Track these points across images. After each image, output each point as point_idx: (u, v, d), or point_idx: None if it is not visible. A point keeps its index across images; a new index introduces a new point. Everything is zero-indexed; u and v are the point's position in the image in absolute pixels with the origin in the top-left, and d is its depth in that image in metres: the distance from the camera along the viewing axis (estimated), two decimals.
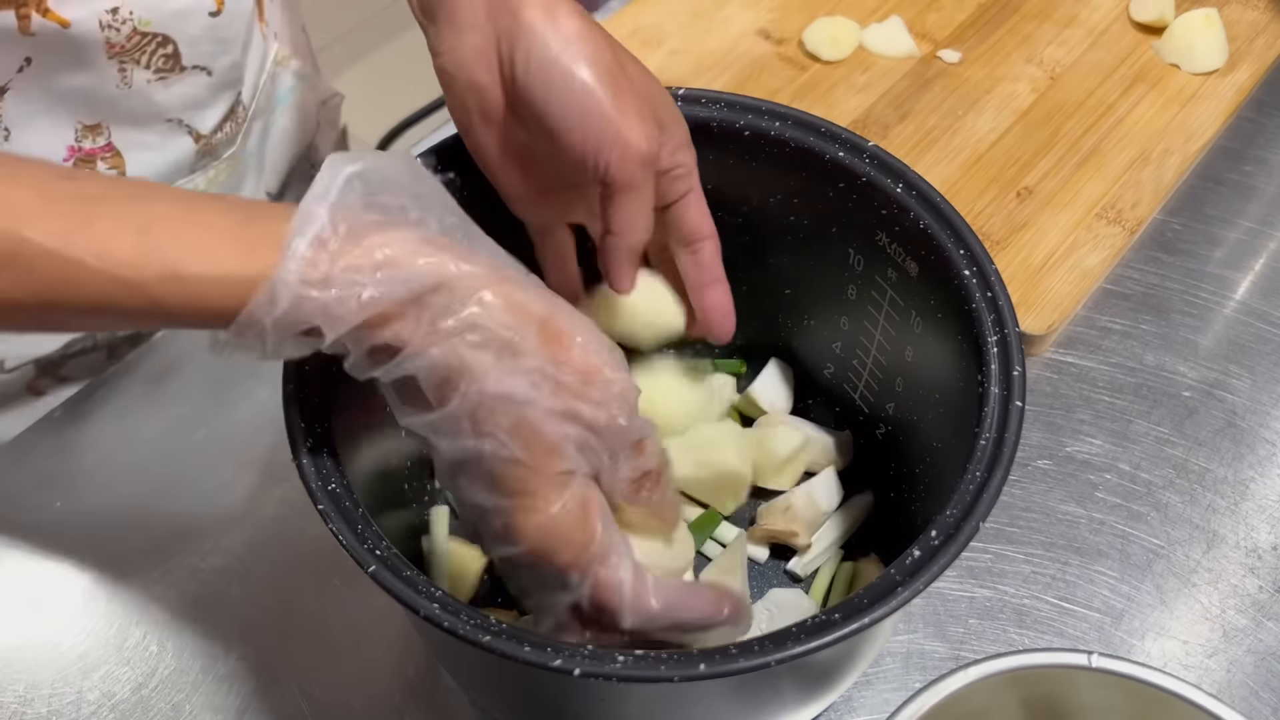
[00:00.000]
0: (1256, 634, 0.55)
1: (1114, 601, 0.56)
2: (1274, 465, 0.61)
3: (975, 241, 0.46)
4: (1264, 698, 0.54)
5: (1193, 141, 0.73)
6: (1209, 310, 0.67)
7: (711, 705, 0.44)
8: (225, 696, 0.54)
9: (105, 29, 0.53)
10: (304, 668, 0.54)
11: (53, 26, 0.52)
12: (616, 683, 0.35)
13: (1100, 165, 0.72)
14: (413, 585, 0.37)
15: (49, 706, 0.53)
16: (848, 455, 0.58)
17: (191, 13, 0.57)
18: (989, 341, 0.44)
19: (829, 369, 0.58)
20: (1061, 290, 0.66)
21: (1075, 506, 0.59)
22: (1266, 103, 0.77)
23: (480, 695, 0.51)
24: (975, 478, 0.40)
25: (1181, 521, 0.59)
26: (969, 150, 0.72)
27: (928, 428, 0.50)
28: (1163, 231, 0.71)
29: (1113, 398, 0.64)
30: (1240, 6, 0.80)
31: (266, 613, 0.56)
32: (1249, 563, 0.58)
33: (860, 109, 0.75)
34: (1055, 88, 0.76)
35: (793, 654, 0.36)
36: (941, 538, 0.39)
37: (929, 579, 0.38)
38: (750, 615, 0.43)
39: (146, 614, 0.56)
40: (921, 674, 0.54)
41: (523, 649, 0.36)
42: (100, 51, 0.54)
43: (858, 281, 0.52)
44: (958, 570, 0.57)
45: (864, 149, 0.48)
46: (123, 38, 0.54)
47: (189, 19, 0.57)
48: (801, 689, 0.45)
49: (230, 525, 0.59)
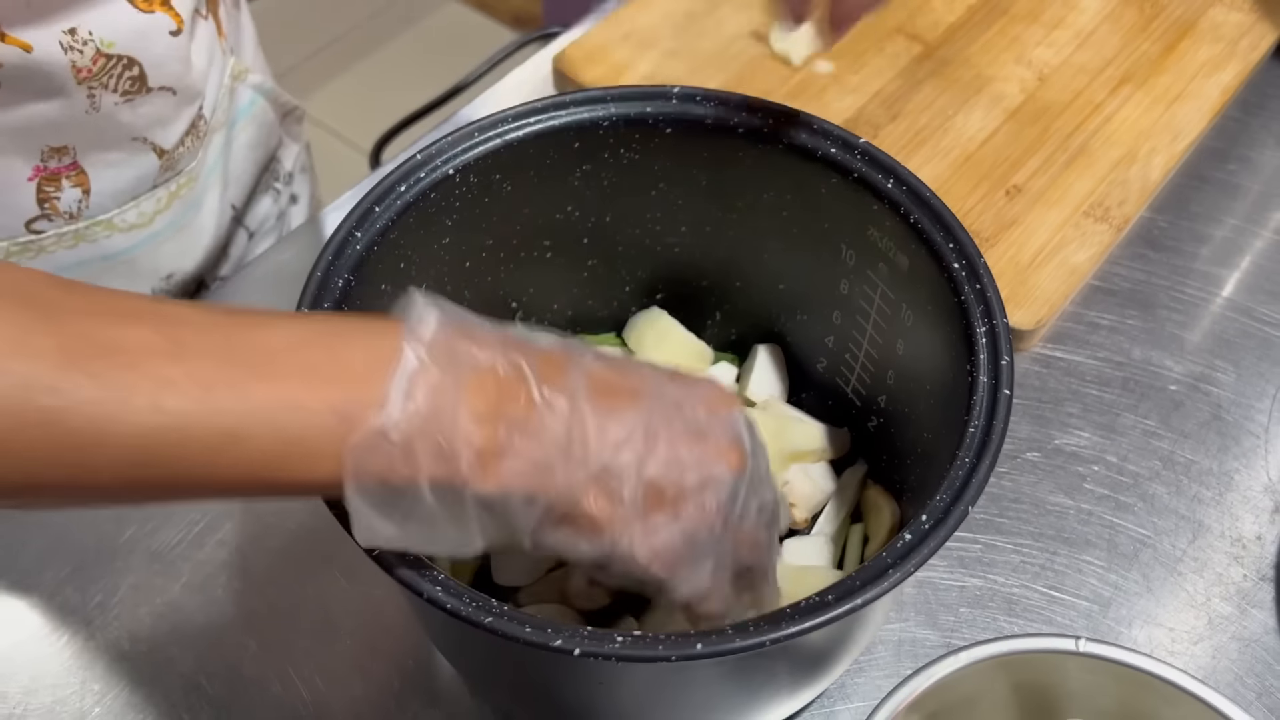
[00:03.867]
0: (1241, 621, 0.57)
1: (1102, 590, 0.57)
2: (1258, 457, 0.62)
3: (964, 235, 0.47)
4: (1248, 683, 0.55)
5: (1178, 141, 0.74)
6: (1195, 306, 0.68)
7: (708, 689, 0.45)
8: (227, 686, 0.54)
9: (68, 51, 0.53)
10: (304, 657, 0.55)
11: (18, 55, 0.51)
12: (616, 662, 0.36)
13: (1088, 164, 0.73)
14: (415, 569, 0.38)
15: (53, 696, 0.54)
16: (842, 449, 0.59)
17: (152, 32, 0.56)
18: (978, 332, 0.45)
19: (822, 363, 0.59)
20: (1050, 286, 0.67)
21: (1064, 498, 0.60)
22: (1251, 102, 0.78)
23: (480, 682, 0.52)
24: (964, 464, 0.41)
25: (1168, 512, 0.60)
26: (959, 149, 0.74)
27: (919, 419, 0.51)
28: (1149, 229, 0.72)
29: (1100, 391, 0.65)
30: (1225, 8, 0.81)
31: (267, 604, 0.57)
32: (1234, 552, 0.59)
33: (852, 109, 0.76)
34: (1044, 88, 0.77)
35: (787, 634, 0.37)
36: (931, 522, 0.40)
37: (919, 561, 0.39)
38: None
39: (147, 605, 0.57)
40: (913, 661, 0.55)
41: (524, 630, 0.37)
42: (69, 78, 0.54)
43: (850, 276, 0.53)
44: (948, 560, 0.58)
45: (855, 145, 0.49)
46: (88, 60, 0.54)
47: (150, 39, 0.57)
48: (796, 673, 0.46)
49: (228, 516, 0.60)
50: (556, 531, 0.37)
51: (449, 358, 0.35)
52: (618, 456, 0.37)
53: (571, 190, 0.53)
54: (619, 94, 0.51)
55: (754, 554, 0.42)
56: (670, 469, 0.38)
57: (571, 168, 0.52)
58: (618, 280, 0.59)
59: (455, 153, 0.49)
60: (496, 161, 0.50)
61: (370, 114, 1.24)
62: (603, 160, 0.52)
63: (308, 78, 1.93)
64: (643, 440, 0.38)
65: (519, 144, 0.50)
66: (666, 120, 0.51)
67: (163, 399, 0.32)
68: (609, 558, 0.38)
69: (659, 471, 0.38)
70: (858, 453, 0.58)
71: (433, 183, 0.48)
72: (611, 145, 0.52)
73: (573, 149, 0.51)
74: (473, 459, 0.35)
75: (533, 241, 0.55)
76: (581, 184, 0.53)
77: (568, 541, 0.38)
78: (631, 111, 0.51)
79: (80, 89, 0.55)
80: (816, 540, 0.55)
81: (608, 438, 0.37)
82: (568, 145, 0.51)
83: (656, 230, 0.56)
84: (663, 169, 0.53)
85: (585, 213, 0.55)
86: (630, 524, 0.37)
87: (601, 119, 0.50)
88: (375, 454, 0.34)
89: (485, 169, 0.50)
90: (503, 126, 0.50)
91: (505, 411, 0.36)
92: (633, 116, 0.51)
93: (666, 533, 0.38)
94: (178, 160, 0.64)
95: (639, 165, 0.52)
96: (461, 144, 0.49)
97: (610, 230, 0.56)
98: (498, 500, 0.36)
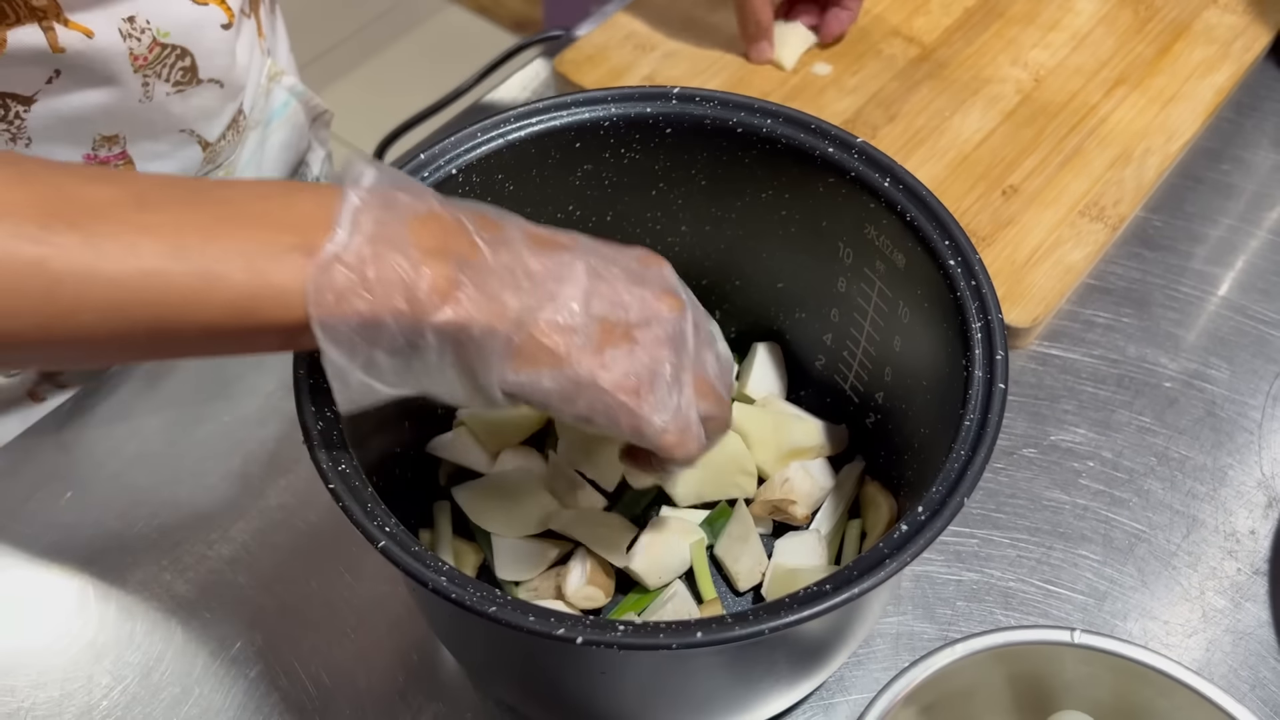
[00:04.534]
0: (1234, 614, 0.57)
1: (1097, 584, 0.58)
2: (1251, 453, 0.63)
3: (960, 232, 0.47)
4: (1242, 675, 0.55)
5: (1173, 141, 0.75)
6: (1189, 304, 0.69)
7: (709, 680, 0.45)
8: (233, 680, 0.55)
9: (127, 38, 0.55)
10: (309, 652, 0.56)
11: (80, 40, 0.53)
12: (617, 651, 0.37)
13: (1083, 164, 0.73)
14: (421, 560, 0.39)
15: (61, 690, 0.55)
16: (840, 445, 0.60)
17: (205, 24, 0.58)
18: (973, 328, 0.45)
19: (820, 360, 0.59)
20: (1046, 285, 0.67)
21: (1060, 493, 0.61)
22: (1245, 104, 0.79)
23: (483, 674, 0.52)
24: (960, 457, 0.42)
25: (1162, 507, 0.61)
26: (956, 150, 0.74)
27: (916, 415, 0.52)
28: (1144, 228, 0.73)
29: (1096, 388, 0.65)
30: (1219, 10, 0.82)
31: (273, 599, 0.57)
32: (1227, 546, 0.60)
33: (850, 110, 0.77)
34: (1040, 89, 0.78)
35: (786, 622, 0.37)
36: (927, 514, 0.40)
37: (915, 552, 0.39)
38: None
39: (155, 601, 0.57)
40: (911, 654, 0.55)
41: (527, 619, 0.37)
42: (125, 65, 0.56)
43: (847, 274, 0.54)
44: (946, 553, 0.59)
45: (853, 145, 0.50)
46: (145, 49, 0.56)
47: (204, 30, 0.58)
48: (795, 664, 0.47)
49: (236, 515, 0.60)
50: (520, 371, 0.39)
51: (387, 203, 0.38)
52: (563, 290, 0.40)
53: (573, 190, 0.54)
54: (620, 95, 0.51)
55: (714, 405, 0.44)
56: (615, 307, 0.41)
57: (573, 167, 0.53)
58: None
59: (458, 152, 0.50)
60: (499, 161, 0.51)
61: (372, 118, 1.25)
62: (604, 160, 0.53)
63: (310, 81, 1.93)
64: (585, 280, 0.41)
65: (521, 144, 0.51)
66: (666, 120, 0.52)
67: (139, 244, 0.34)
68: (575, 389, 0.40)
69: (605, 309, 0.41)
70: (856, 449, 0.59)
71: (436, 182, 0.49)
72: (612, 145, 0.52)
73: (574, 149, 0.52)
74: (428, 289, 0.37)
75: None
76: (583, 183, 0.54)
77: (532, 380, 0.40)
78: (632, 112, 0.51)
79: (135, 78, 0.57)
80: (813, 536, 0.56)
81: (551, 275, 0.40)
82: (569, 145, 0.52)
83: (657, 229, 0.57)
84: (663, 169, 0.54)
85: (586, 212, 0.55)
86: (586, 353, 0.40)
87: (602, 119, 0.51)
88: (333, 281, 0.36)
89: (488, 168, 0.50)
90: (505, 127, 0.50)
91: (451, 248, 0.38)
92: (633, 117, 0.51)
93: (625, 363, 0.41)
94: (219, 153, 0.66)
95: (639, 165, 0.53)
96: (464, 144, 0.50)
97: (611, 229, 0.56)
98: (458, 332, 0.38)
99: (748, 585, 0.56)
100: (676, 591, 0.54)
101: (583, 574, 0.54)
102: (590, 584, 0.54)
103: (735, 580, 0.56)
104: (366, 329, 0.37)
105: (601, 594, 0.54)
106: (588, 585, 0.54)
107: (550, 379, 0.40)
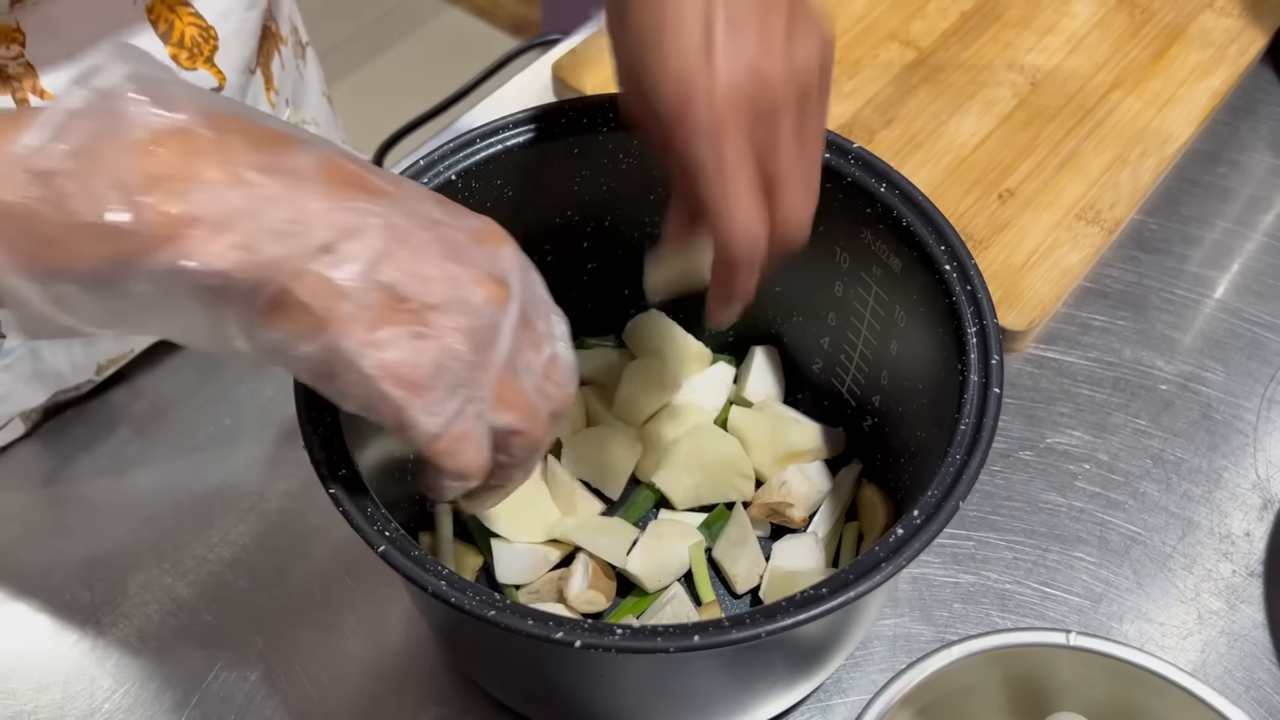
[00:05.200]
0: (1230, 616, 0.58)
1: (1093, 586, 0.58)
2: (1246, 455, 0.63)
3: (955, 237, 0.48)
4: (1237, 676, 0.56)
5: (1168, 145, 0.75)
6: (1185, 307, 0.70)
7: (707, 683, 0.46)
8: (234, 683, 0.55)
9: None
10: (309, 654, 0.56)
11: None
12: (615, 654, 0.37)
13: (1079, 168, 0.74)
14: (420, 564, 0.39)
15: (63, 693, 0.55)
16: (837, 448, 0.60)
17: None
18: (969, 332, 0.46)
19: (817, 363, 0.60)
20: (1042, 288, 0.68)
21: (1056, 495, 0.61)
22: (1240, 107, 0.79)
23: (482, 677, 0.53)
24: (955, 460, 0.42)
25: (1158, 509, 0.61)
26: (953, 154, 0.75)
27: (912, 418, 0.52)
28: (1140, 231, 0.73)
29: (1092, 391, 0.66)
30: (1214, 14, 0.82)
31: (273, 602, 0.58)
32: (1223, 548, 0.60)
33: (847, 114, 0.77)
34: (1036, 93, 0.78)
35: (783, 626, 0.38)
36: (923, 517, 0.41)
37: (911, 555, 0.40)
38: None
39: (156, 604, 0.58)
40: (908, 656, 0.56)
41: (526, 623, 0.38)
42: None
43: (844, 279, 0.54)
44: (942, 556, 0.59)
45: (849, 150, 0.50)
46: None
47: None
48: (792, 666, 0.47)
49: (238, 518, 0.61)
50: (271, 326, 0.34)
51: (116, 113, 0.32)
52: (344, 244, 0.34)
53: (571, 195, 0.54)
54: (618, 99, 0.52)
55: (520, 418, 0.38)
56: (412, 279, 0.35)
57: (571, 173, 0.53)
58: (617, 283, 0.60)
59: (458, 158, 0.50)
60: (498, 167, 0.51)
61: (371, 121, 1.25)
62: (602, 165, 0.53)
63: None
64: (380, 237, 0.34)
65: (520, 150, 0.51)
66: None
67: None
68: (334, 363, 0.34)
69: (397, 277, 0.35)
70: (853, 452, 0.59)
71: (436, 188, 0.49)
72: (610, 151, 0.53)
73: (573, 154, 0.52)
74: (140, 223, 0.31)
75: (533, 245, 0.55)
76: (581, 189, 0.54)
77: (285, 341, 0.34)
78: None
79: None
80: (811, 539, 0.56)
81: (332, 222, 0.34)
82: (568, 151, 0.52)
83: (655, 234, 0.57)
84: (661, 174, 0.54)
85: (585, 217, 0.56)
86: (356, 324, 0.34)
87: (601, 125, 0.52)
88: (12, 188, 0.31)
89: (487, 174, 0.51)
90: (504, 133, 0.51)
91: (196, 174, 0.32)
92: None
93: (404, 348, 0.35)
94: None
95: (637, 170, 0.53)
96: (464, 150, 0.50)
97: (610, 234, 0.57)
98: (183, 277, 0.32)
99: (746, 587, 0.56)
100: (675, 594, 0.54)
101: (585, 578, 0.54)
102: (592, 588, 0.54)
103: (733, 583, 0.56)
104: (49, 258, 0.32)
105: (603, 598, 0.54)
106: (590, 589, 0.54)
107: (307, 344, 0.34)
